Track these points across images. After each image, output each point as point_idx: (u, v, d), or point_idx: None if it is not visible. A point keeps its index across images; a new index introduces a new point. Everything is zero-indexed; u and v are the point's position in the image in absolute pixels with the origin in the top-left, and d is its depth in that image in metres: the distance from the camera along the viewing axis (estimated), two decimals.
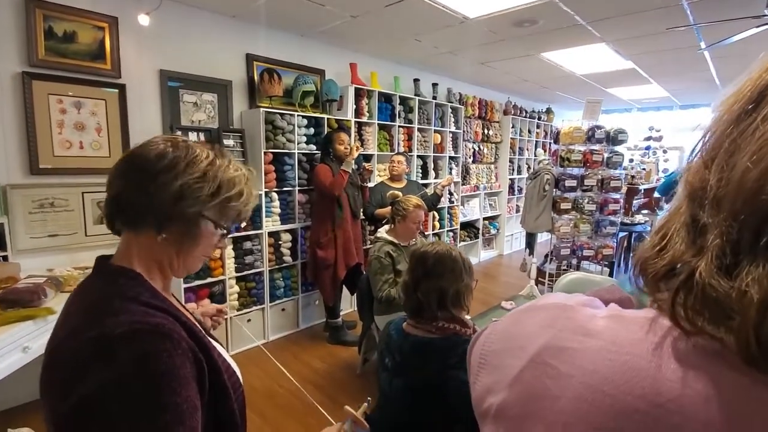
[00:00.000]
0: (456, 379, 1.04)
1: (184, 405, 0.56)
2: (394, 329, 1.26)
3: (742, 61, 4.19)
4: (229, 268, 2.97)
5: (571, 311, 0.39)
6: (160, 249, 0.69)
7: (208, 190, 0.68)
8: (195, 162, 0.68)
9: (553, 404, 0.34)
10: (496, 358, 0.42)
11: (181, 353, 0.58)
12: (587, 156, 3.87)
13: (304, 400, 2.52)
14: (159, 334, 0.58)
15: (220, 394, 0.66)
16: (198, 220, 0.68)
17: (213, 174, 0.69)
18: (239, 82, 3.18)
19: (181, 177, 0.66)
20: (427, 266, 1.18)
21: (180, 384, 0.57)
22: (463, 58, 4.16)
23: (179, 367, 0.57)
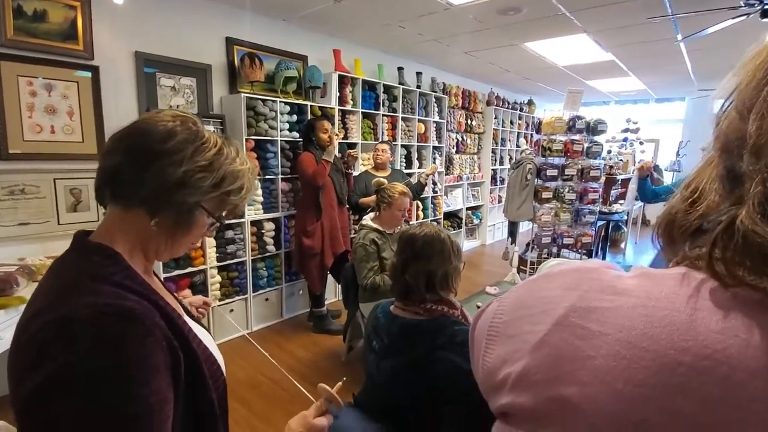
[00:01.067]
0: (445, 360, 1.05)
1: (152, 397, 0.52)
2: (382, 312, 1.26)
3: (715, 55, 4.32)
4: (210, 257, 2.92)
5: (596, 272, 0.38)
6: (148, 232, 0.65)
7: (211, 181, 0.65)
8: (202, 149, 0.64)
9: (586, 364, 0.33)
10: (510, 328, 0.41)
11: (153, 341, 0.54)
12: (568, 146, 3.94)
13: (289, 389, 2.51)
14: (128, 318, 0.54)
15: (198, 385, 0.62)
16: (194, 210, 0.65)
17: (219, 164, 0.65)
18: (219, 66, 3.09)
19: (186, 163, 0.62)
20: (416, 248, 1.18)
21: (149, 374, 0.52)
22: (447, 46, 4.15)
23: (149, 355, 0.53)
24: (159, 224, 0.64)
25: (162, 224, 0.64)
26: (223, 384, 0.70)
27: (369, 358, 1.21)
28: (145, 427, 0.52)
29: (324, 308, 3.31)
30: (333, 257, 3.11)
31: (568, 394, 0.33)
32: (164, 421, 0.54)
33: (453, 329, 1.09)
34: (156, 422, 0.53)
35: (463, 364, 1.03)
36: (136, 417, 0.51)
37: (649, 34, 3.62)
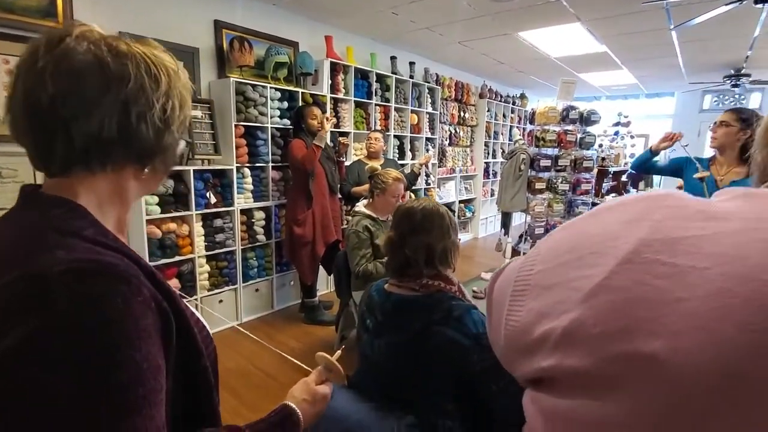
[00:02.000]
0: (441, 335, 1.00)
1: (143, 364, 0.45)
2: (375, 290, 1.21)
3: (706, 47, 4.34)
4: (198, 246, 2.84)
5: (671, 199, 0.32)
6: (127, 184, 0.57)
7: (178, 106, 0.57)
8: (157, 77, 0.54)
9: (674, 309, 0.26)
10: (547, 278, 0.35)
11: (142, 301, 0.47)
12: (561, 136, 3.92)
13: (279, 379, 2.46)
14: (112, 275, 0.46)
15: (191, 351, 0.56)
16: (176, 142, 0.59)
17: (173, 85, 0.56)
18: (207, 50, 3.00)
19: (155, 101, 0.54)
20: (415, 222, 1.13)
21: (140, 337, 0.45)
22: (440, 35, 4.10)
23: (139, 316, 0.46)
24: (150, 171, 0.58)
25: (153, 169, 0.59)
26: (214, 351, 0.64)
27: (363, 337, 1.16)
28: (136, 398, 0.44)
29: (316, 299, 3.25)
30: (324, 246, 3.05)
31: (648, 349, 0.26)
32: (158, 390, 0.47)
33: (450, 304, 1.05)
34: (149, 392, 0.45)
35: (461, 339, 0.99)
36: (126, 387, 0.43)
37: (642, 24, 3.61)
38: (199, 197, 2.80)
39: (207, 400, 0.60)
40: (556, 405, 0.32)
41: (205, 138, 2.87)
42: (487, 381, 0.98)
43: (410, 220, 1.14)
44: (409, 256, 1.10)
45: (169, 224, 2.69)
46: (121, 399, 0.43)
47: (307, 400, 0.71)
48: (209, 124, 2.90)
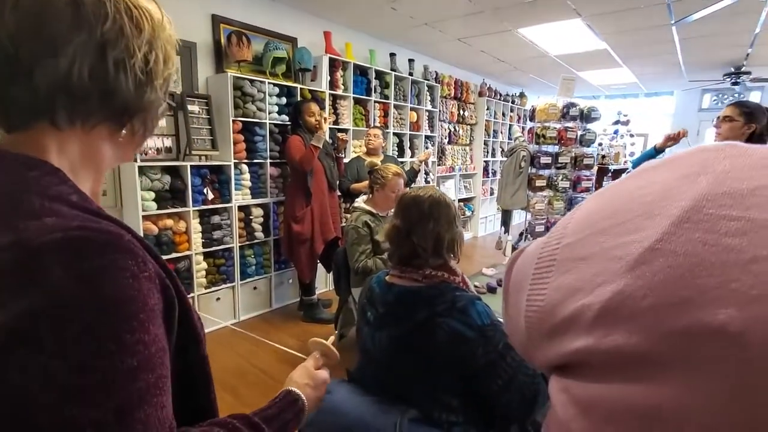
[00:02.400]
0: (445, 327, 0.97)
1: (153, 347, 0.40)
2: (376, 282, 1.17)
3: (706, 44, 4.32)
4: (195, 243, 2.80)
5: (732, 148, 0.28)
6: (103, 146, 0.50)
7: (161, 61, 0.50)
8: (139, 22, 0.47)
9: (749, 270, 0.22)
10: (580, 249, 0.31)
11: (148, 277, 0.41)
12: (562, 133, 3.90)
13: (277, 377, 2.41)
14: (114, 247, 0.40)
15: (190, 337, 0.50)
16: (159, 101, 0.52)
17: (157, 35, 0.49)
18: (204, 44, 2.97)
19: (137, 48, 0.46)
20: (423, 210, 1.09)
21: (149, 318, 0.40)
22: (439, 32, 4.07)
23: (147, 294, 0.40)
24: (128, 132, 0.51)
25: (132, 131, 0.51)
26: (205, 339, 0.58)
27: (363, 331, 1.12)
28: (148, 386, 0.39)
29: (314, 297, 3.21)
30: (323, 243, 3.01)
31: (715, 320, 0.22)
32: (166, 376, 0.42)
33: (453, 295, 1.01)
34: (159, 379, 0.40)
35: (465, 330, 0.96)
36: (135, 371, 0.38)
37: (643, 20, 3.59)
38: (197, 193, 2.76)
39: (205, 392, 0.55)
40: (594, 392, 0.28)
41: (203, 133, 2.83)
42: (492, 375, 0.95)
43: (418, 208, 1.10)
44: (417, 245, 1.07)
45: (166, 220, 2.65)
46: (132, 388, 0.38)
47: (309, 385, 0.68)
48: (206, 119, 2.87)
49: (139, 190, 2.47)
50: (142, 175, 2.51)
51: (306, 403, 0.65)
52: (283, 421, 0.60)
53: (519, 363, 0.97)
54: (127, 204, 2.61)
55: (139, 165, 2.45)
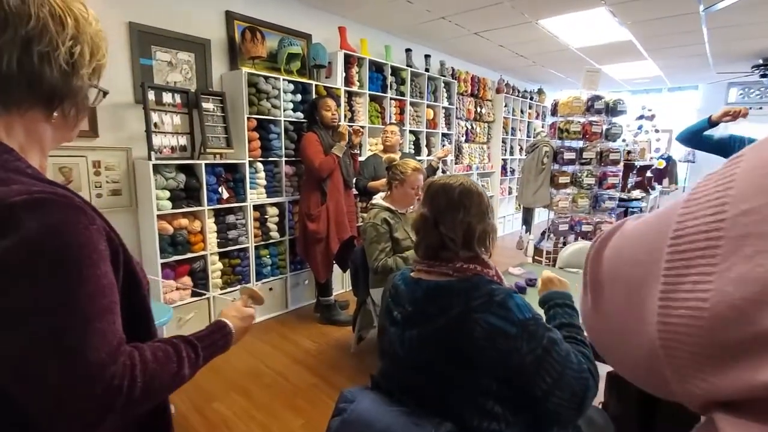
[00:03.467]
0: (483, 323, 0.87)
1: (104, 279, 0.52)
2: (401, 279, 1.07)
3: (735, 34, 4.11)
4: (211, 243, 2.74)
5: None
6: (39, 129, 0.59)
7: (87, 54, 0.59)
8: (62, 19, 0.56)
9: None
10: None
11: (96, 228, 0.53)
12: (586, 127, 3.74)
13: (292, 380, 2.34)
14: (70, 206, 0.51)
15: (132, 279, 0.62)
16: (87, 88, 0.61)
17: (82, 30, 0.58)
18: (218, 41, 2.92)
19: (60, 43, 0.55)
20: (452, 198, 0.99)
21: (99, 258, 0.52)
22: (456, 24, 3.96)
23: (97, 241, 0.52)
24: (60, 115, 0.60)
25: (63, 114, 0.60)
26: (148, 284, 0.70)
27: (390, 331, 1.02)
28: (102, 306, 0.52)
29: (331, 298, 3.12)
30: (339, 243, 2.92)
31: None
32: (116, 302, 0.54)
33: (490, 287, 0.91)
34: (110, 303, 0.53)
35: (506, 326, 0.86)
36: (93, 296, 0.51)
37: (671, 7, 3.42)
38: (211, 192, 2.71)
39: (147, 324, 0.66)
40: None
41: (217, 131, 2.79)
42: (539, 373, 0.85)
43: (447, 196, 1.00)
44: (445, 236, 0.97)
45: (181, 220, 2.61)
46: (89, 306, 0.50)
47: (236, 316, 0.80)
48: (221, 117, 2.82)
49: (154, 189, 2.43)
50: (157, 173, 2.47)
51: (233, 329, 0.77)
52: (212, 340, 0.72)
53: (565, 357, 0.87)
54: (141, 203, 2.57)
55: (153, 163, 2.41)
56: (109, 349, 0.50)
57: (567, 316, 1.00)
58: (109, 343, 0.51)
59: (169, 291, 2.59)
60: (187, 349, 0.64)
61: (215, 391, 2.20)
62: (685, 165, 7.79)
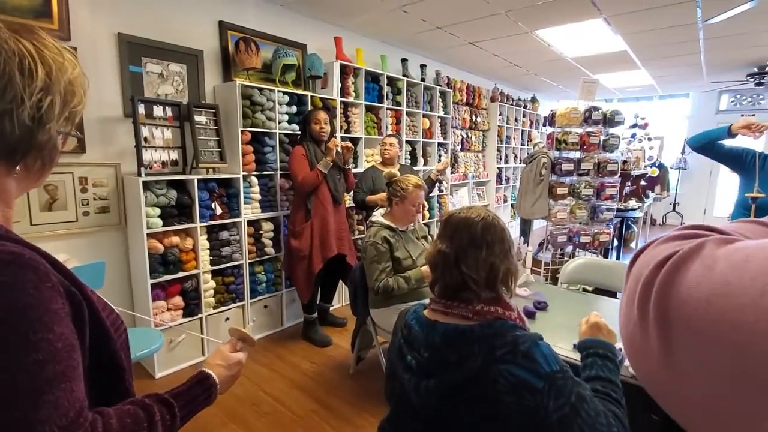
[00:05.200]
0: (507, 375, 0.80)
1: (58, 343, 0.47)
2: (414, 319, 1.00)
3: (731, 42, 4.13)
4: (203, 260, 2.64)
5: None
6: (7, 180, 0.56)
7: (59, 102, 0.55)
8: (32, 71, 0.52)
9: None
10: None
11: (50, 286, 0.49)
12: (584, 138, 3.72)
13: (290, 407, 2.24)
14: (16, 264, 0.47)
15: (101, 335, 0.57)
16: (55, 140, 0.58)
17: (55, 79, 0.54)
18: (211, 52, 2.84)
19: (27, 97, 0.51)
20: (475, 234, 0.92)
21: (52, 320, 0.48)
22: (451, 34, 3.92)
23: (49, 301, 0.48)
24: (23, 169, 0.56)
25: (26, 168, 0.56)
26: (125, 334, 0.64)
27: (403, 378, 0.94)
28: (55, 374, 0.46)
29: (314, 314, 3.01)
30: (322, 261, 2.79)
31: None
32: (74, 367, 0.49)
33: (514, 335, 0.84)
34: (66, 369, 0.48)
35: (532, 379, 0.79)
36: (43, 364, 0.46)
37: (669, 19, 3.42)
38: (204, 208, 2.61)
39: (121, 381, 0.61)
40: None
41: (210, 145, 2.69)
42: None
43: (469, 232, 0.93)
44: (467, 276, 0.90)
45: (172, 238, 2.50)
46: (40, 375, 0.45)
47: (221, 365, 0.74)
48: (214, 130, 2.73)
49: (144, 206, 2.33)
50: (147, 190, 2.37)
51: (217, 380, 0.71)
52: (191, 396, 0.66)
53: (594, 419, 0.80)
54: (131, 221, 2.47)
55: (143, 180, 2.31)
56: (65, 421, 0.46)
57: (606, 369, 0.92)
58: (64, 414, 0.46)
59: (159, 312, 2.48)
60: (161, 410, 0.59)
61: (212, 422, 2.09)
62: (676, 172, 7.85)
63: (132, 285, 2.58)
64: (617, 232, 4.95)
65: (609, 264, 2.58)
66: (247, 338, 0.82)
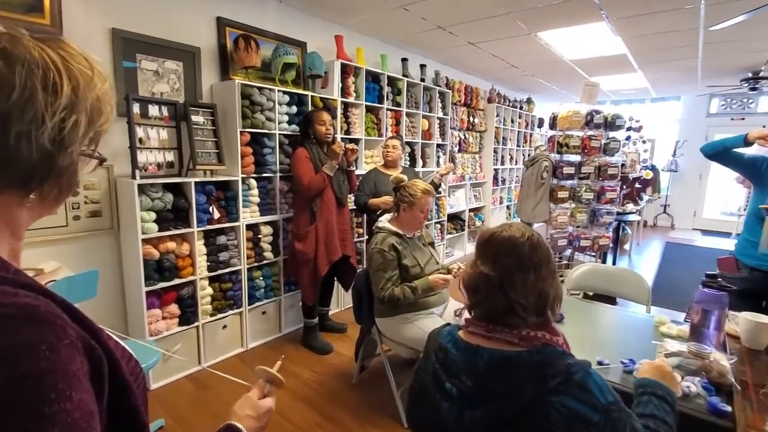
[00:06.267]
0: (561, 408, 0.74)
1: (76, 413, 0.41)
2: (450, 341, 0.93)
3: (730, 47, 4.16)
4: (200, 266, 2.54)
5: None
6: (16, 210, 0.49)
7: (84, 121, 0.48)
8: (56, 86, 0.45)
9: None
10: None
11: (69, 344, 0.42)
12: (585, 142, 3.70)
13: (294, 421, 2.16)
14: (31, 320, 0.40)
15: (121, 390, 0.50)
16: (76, 164, 0.50)
17: (82, 95, 0.48)
18: (209, 49, 2.73)
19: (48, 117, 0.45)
20: (523, 256, 0.86)
21: (70, 385, 0.41)
22: (450, 33, 3.86)
23: (67, 362, 0.41)
24: (37, 197, 0.49)
25: (41, 196, 0.49)
26: (143, 383, 0.56)
27: (441, 406, 0.88)
28: None
29: (314, 320, 2.93)
30: (328, 264, 2.74)
31: None
32: None
33: (566, 363, 0.78)
34: None
35: (587, 412, 0.74)
36: None
37: (672, 23, 3.41)
38: (201, 212, 2.51)
39: None
40: None
41: (208, 146, 2.59)
42: None
43: (516, 253, 0.86)
44: (515, 302, 0.83)
45: (168, 243, 2.39)
46: None
47: (251, 416, 0.68)
48: (212, 130, 2.62)
49: (139, 210, 2.22)
50: (142, 193, 2.25)
51: None
52: None
53: None
54: (125, 226, 2.35)
55: (138, 183, 2.20)
56: None
57: (663, 411, 0.87)
58: None
59: (154, 321, 2.37)
60: None
61: None
62: (667, 174, 7.95)
63: (125, 292, 2.46)
64: (614, 235, 4.97)
65: (614, 271, 2.55)
66: (275, 379, 0.75)
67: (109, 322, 2.44)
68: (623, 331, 1.81)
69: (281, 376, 0.75)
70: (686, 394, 1.20)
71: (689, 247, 6.47)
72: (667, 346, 1.44)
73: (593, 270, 2.57)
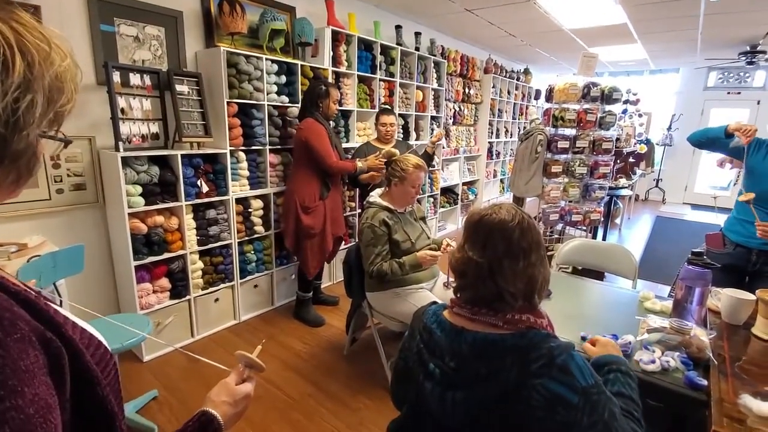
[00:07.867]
0: (542, 391, 0.75)
1: (30, 408, 0.40)
2: (435, 322, 0.93)
3: (731, 18, 4.05)
4: (190, 240, 2.52)
5: None
6: None
7: (41, 101, 0.44)
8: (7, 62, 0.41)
9: None
10: None
11: (19, 338, 0.41)
12: (581, 115, 3.64)
13: (285, 390, 2.21)
14: None
15: (85, 381, 0.48)
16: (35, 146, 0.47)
17: (38, 73, 0.43)
18: (192, 13, 2.60)
19: None
20: (511, 241, 0.84)
21: (21, 381, 0.40)
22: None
23: (17, 358, 0.40)
24: None
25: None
26: (114, 369, 0.54)
27: (424, 386, 0.89)
28: None
29: (309, 294, 2.96)
30: (333, 240, 2.76)
31: None
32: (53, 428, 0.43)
33: (548, 346, 0.78)
34: None
35: (567, 394, 0.75)
36: None
37: None
38: (189, 186, 2.46)
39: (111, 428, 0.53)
40: None
41: (194, 117, 2.51)
42: None
43: (505, 238, 0.84)
44: (503, 289, 0.82)
45: (156, 217, 2.36)
46: None
47: (227, 402, 0.67)
48: (197, 101, 2.53)
49: (124, 184, 2.16)
50: (126, 166, 2.19)
51: (222, 422, 0.64)
52: None
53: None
54: (110, 200, 2.31)
55: (122, 155, 2.13)
56: None
57: (627, 387, 0.90)
58: None
59: (144, 295, 2.37)
60: None
61: None
62: (661, 148, 7.92)
63: (114, 267, 2.45)
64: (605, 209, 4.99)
65: (603, 246, 2.57)
66: (255, 364, 0.73)
67: (100, 297, 2.44)
68: (609, 307, 1.84)
69: (261, 361, 0.73)
70: (665, 369, 1.23)
71: (679, 222, 6.54)
72: (649, 322, 1.46)
73: (583, 245, 2.58)
